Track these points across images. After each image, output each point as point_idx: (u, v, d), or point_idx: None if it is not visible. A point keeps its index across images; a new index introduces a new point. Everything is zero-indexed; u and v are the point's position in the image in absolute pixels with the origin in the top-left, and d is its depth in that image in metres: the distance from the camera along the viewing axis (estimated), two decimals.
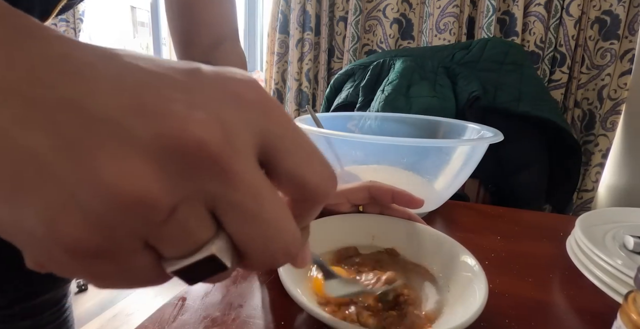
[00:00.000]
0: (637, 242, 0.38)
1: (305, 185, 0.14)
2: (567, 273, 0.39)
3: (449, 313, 0.28)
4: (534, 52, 1.17)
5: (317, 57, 1.43)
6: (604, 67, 1.12)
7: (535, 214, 0.58)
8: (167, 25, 0.52)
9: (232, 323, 0.29)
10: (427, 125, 0.66)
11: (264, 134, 0.13)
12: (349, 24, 1.33)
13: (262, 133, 0.13)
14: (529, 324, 0.31)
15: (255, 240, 0.13)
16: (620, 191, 1.20)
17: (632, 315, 0.21)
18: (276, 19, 1.44)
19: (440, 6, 1.21)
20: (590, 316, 0.32)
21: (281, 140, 0.14)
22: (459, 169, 0.50)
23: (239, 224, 0.13)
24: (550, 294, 0.36)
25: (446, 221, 0.53)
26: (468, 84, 0.96)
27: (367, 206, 0.37)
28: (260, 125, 0.13)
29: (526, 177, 0.98)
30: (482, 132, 0.55)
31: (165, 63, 0.13)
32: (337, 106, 1.14)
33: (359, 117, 0.69)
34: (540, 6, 1.13)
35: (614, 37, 1.10)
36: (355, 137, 0.47)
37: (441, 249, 0.33)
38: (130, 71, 0.12)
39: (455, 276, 0.31)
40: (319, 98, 1.45)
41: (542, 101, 0.96)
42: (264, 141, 0.14)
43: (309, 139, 0.15)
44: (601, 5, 1.11)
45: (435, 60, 1.05)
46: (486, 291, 0.27)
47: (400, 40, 1.34)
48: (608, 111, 1.14)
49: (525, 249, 0.45)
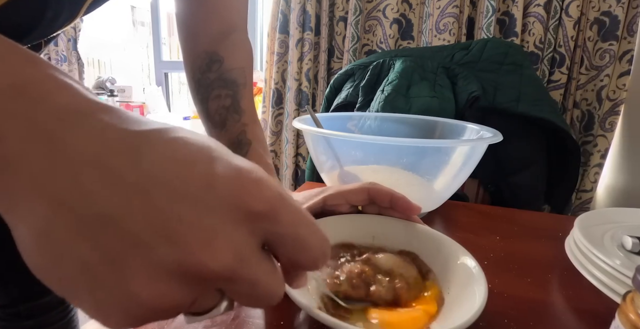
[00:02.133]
0: (635, 243, 0.38)
1: (297, 264, 0.18)
2: (565, 273, 0.39)
3: (448, 314, 0.28)
4: (533, 52, 1.17)
5: (317, 57, 1.43)
6: (603, 68, 1.13)
7: (534, 214, 0.58)
8: (175, 14, 0.50)
9: (231, 322, 0.29)
10: (427, 125, 0.66)
11: (269, 235, 0.17)
12: (349, 24, 1.33)
13: (267, 234, 0.17)
14: (528, 324, 0.31)
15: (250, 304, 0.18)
16: (619, 191, 1.21)
17: (630, 315, 0.21)
18: (276, 19, 1.44)
19: (440, 6, 1.21)
20: (589, 316, 0.33)
21: (282, 237, 0.17)
22: (458, 170, 0.50)
23: (238, 298, 0.17)
24: (548, 294, 0.36)
25: (445, 221, 0.53)
26: (468, 84, 0.97)
27: (366, 207, 0.37)
28: (266, 229, 0.16)
29: (525, 177, 0.98)
30: (481, 132, 0.55)
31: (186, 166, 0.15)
32: (336, 106, 1.14)
33: (358, 117, 0.70)
34: (540, 7, 1.14)
35: (613, 38, 1.10)
36: (354, 137, 0.47)
37: (441, 249, 0.34)
38: (156, 187, 0.15)
39: (455, 276, 0.31)
40: (319, 98, 1.45)
41: (542, 101, 0.97)
42: (268, 239, 0.17)
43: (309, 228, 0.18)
44: (600, 6, 1.12)
45: (435, 60, 1.05)
46: (486, 293, 0.27)
47: (400, 41, 1.34)
48: (607, 112, 1.14)
49: (524, 249, 0.45)
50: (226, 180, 0.15)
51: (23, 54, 0.15)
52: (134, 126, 0.15)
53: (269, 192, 0.16)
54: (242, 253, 0.15)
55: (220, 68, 0.49)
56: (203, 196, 0.15)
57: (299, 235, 0.17)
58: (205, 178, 0.15)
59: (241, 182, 0.16)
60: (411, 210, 0.36)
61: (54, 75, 0.15)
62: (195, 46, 0.49)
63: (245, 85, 0.51)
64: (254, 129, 0.50)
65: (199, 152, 0.16)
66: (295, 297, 0.26)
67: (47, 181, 0.14)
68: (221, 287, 0.16)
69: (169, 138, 0.16)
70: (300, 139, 1.50)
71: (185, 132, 0.16)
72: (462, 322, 0.24)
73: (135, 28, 2.83)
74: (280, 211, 0.16)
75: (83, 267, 0.14)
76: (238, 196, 0.15)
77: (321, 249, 0.18)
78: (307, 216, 0.18)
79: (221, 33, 0.49)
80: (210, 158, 0.16)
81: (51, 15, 0.36)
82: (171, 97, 2.06)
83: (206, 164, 0.16)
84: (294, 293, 0.26)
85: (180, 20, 0.50)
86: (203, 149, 0.16)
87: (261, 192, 0.16)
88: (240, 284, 0.16)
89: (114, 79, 2.15)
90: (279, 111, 1.52)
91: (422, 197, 0.51)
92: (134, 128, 0.15)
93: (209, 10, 0.48)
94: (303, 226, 0.17)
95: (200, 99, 0.50)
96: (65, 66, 1.89)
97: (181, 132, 0.16)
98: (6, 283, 0.46)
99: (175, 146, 0.15)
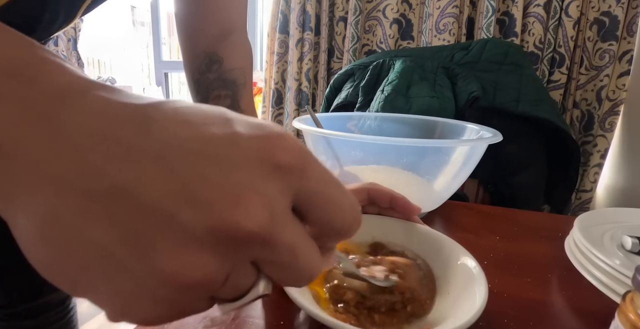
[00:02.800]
0: (634, 243, 0.38)
1: (331, 230, 0.16)
2: (565, 273, 0.39)
3: (448, 314, 0.28)
4: (533, 52, 1.17)
5: (317, 57, 1.43)
6: (602, 68, 1.13)
7: (534, 214, 0.58)
8: (173, 14, 0.50)
9: (231, 322, 0.29)
10: (427, 125, 0.66)
11: (299, 193, 0.15)
12: (348, 24, 1.33)
13: (298, 193, 0.15)
14: (528, 324, 0.31)
15: (288, 280, 0.16)
16: (619, 191, 1.21)
17: (630, 315, 0.22)
18: (276, 19, 1.44)
19: (440, 7, 1.21)
20: (588, 315, 0.33)
21: (314, 196, 0.15)
22: (458, 170, 0.50)
23: (277, 272, 0.15)
24: (548, 294, 0.36)
25: (445, 221, 0.53)
26: (467, 84, 0.97)
27: (366, 207, 0.37)
28: (296, 186, 0.15)
29: (525, 177, 0.99)
30: (481, 132, 0.55)
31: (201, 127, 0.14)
32: (336, 106, 1.14)
33: (358, 118, 0.70)
34: (540, 7, 1.14)
35: (612, 38, 1.10)
36: (354, 137, 0.47)
37: (441, 249, 0.34)
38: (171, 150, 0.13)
39: (455, 277, 0.31)
40: (319, 98, 1.45)
41: (542, 101, 0.97)
42: (299, 198, 0.15)
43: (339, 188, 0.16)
44: (600, 7, 1.12)
45: (434, 60, 1.05)
46: (486, 293, 0.27)
47: (400, 41, 1.34)
48: (606, 112, 1.14)
49: (524, 249, 0.45)
50: (249, 135, 0.14)
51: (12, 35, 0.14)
52: (137, 100, 0.14)
53: (296, 146, 0.15)
54: (276, 211, 0.14)
55: (219, 68, 0.49)
56: (226, 152, 0.14)
57: (331, 194, 0.16)
58: (226, 136, 0.14)
59: (266, 136, 0.14)
60: (411, 211, 0.36)
61: (47, 57, 0.14)
62: (194, 47, 0.50)
63: (244, 85, 0.51)
64: None
65: (213, 115, 0.15)
66: (295, 297, 0.26)
67: (48, 163, 0.12)
68: (257, 257, 0.14)
69: (178, 106, 0.14)
70: (300, 139, 1.49)
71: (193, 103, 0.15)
72: (463, 322, 0.24)
73: (135, 28, 2.83)
74: (310, 167, 0.15)
75: (98, 250, 0.13)
76: (264, 148, 0.14)
77: (353, 212, 0.16)
78: (333, 175, 0.16)
79: (220, 34, 0.49)
80: (227, 119, 0.15)
81: (49, 18, 0.35)
82: (171, 97, 2.06)
83: (224, 123, 0.14)
84: (294, 293, 0.26)
85: (179, 21, 0.50)
86: (217, 112, 0.15)
87: (288, 144, 0.15)
88: (279, 252, 0.14)
89: (114, 79, 2.15)
90: (279, 111, 1.52)
91: (422, 197, 0.51)
92: (138, 102, 0.14)
93: (208, 11, 0.48)
94: (333, 185, 0.16)
95: (200, 100, 0.50)
96: None
97: (189, 102, 0.15)
98: (5, 283, 0.46)
99: (186, 111, 0.14)
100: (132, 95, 0.14)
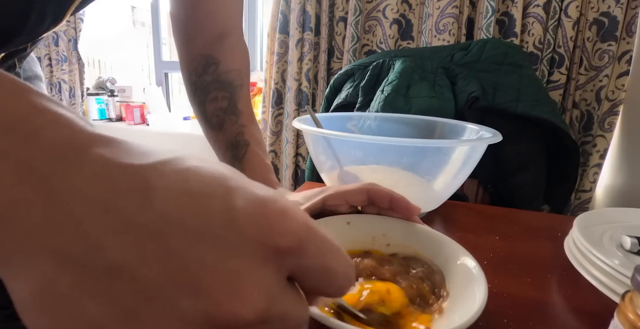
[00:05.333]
0: (634, 243, 0.38)
1: (324, 293, 0.17)
2: (565, 273, 0.39)
3: (447, 315, 0.28)
4: (532, 53, 1.17)
5: (317, 57, 1.43)
6: (602, 68, 1.13)
7: (533, 214, 0.58)
8: (169, 16, 0.50)
9: None
10: (426, 125, 0.66)
11: (296, 269, 0.16)
12: (348, 24, 1.33)
13: (294, 269, 0.16)
14: (527, 323, 0.31)
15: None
16: (618, 191, 1.21)
17: (629, 315, 0.22)
18: (276, 19, 1.44)
19: (440, 7, 1.21)
20: (588, 315, 0.33)
21: (309, 270, 0.16)
22: (458, 170, 0.50)
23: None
24: (548, 294, 0.36)
25: (445, 221, 0.54)
26: (467, 84, 0.97)
27: (365, 207, 0.37)
28: (292, 263, 0.15)
29: (525, 177, 0.99)
30: (481, 132, 0.56)
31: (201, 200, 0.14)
32: (336, 106, 1.14)
33: (358, 118, 0.70)
34: (539, 7, 1.14)
35: (612, 39, 1.10)
36: (354, 137, 0.47)
37: (441, 249, 0.34)
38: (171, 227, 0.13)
39: (455, 277, 0.31)
40: (319, 98, 1.45)
41: (541, 101, 0.97)
42: (294, 272, 0.16)
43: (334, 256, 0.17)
44: (599, 7, 1.12)
45: (434, 60, 1.05)
46: (486, 293, 0.27)
47: (400, 41, 1.34)
48: (606, 112, 1.15)
49: (524, 249, 0.45)
50: (248, 214, 0.14)
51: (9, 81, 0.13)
52: (139, 159, 0.14)
53: (295, 224, 0.15)
54: (272, 293, 0.14)
55: (216, 70, 0.49)
56: (225, 234, 0.14)
57: (325, 265, 0.16)
58: (225, 214, 0.14)
59: (265, 215, 0.14)
60: (410, 211, 0.36)
61: (43, 106, 0.13)
62: (191, 49, 0.50)
63: (242, 86, 0.51)
64: (252, 130, 0.50)
65: (214, 183, 0.14)
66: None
67: (47, 233, 0.12)
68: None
69: (179, 169, 0.14)
70: (300, 139, 1.50)
71: (195, 161, 0.15)
72: (463, 322, 0.24)
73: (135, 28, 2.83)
74: (308, 243, 0.15)
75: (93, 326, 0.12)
76: (263, 231, 0.14)
77: (347, 276, 0.17)
78: (332, 242, 0.17)
79: (217, 36, 0.49)
80: (228, 189, 0.14)
81: (35, 19, 0.34)
82: (171, 97, 2.06)
83: (224, 196, 0.14)
84: None
85: (176, 24, 0.50)
86: (218, 178, 0.15)
87: (287, 225, 0.15)
88: (272, 323, 0.15)
89: (114, 79, 2.14)
90: (278, 111, 1.52)
91: (421, 198, 0.51)
92: (139, 161, 0.14)
93: (205, 13, 0.48)
94: (329, 254, 0.16)
95: (198, 102, 0.50)
96: (65, 66, 1.89)
97: (191, 161, 0.15)
98: (3, 284, 0.46)
99: (187, 177, 0.14)
100: (133, 149, 0.14)
